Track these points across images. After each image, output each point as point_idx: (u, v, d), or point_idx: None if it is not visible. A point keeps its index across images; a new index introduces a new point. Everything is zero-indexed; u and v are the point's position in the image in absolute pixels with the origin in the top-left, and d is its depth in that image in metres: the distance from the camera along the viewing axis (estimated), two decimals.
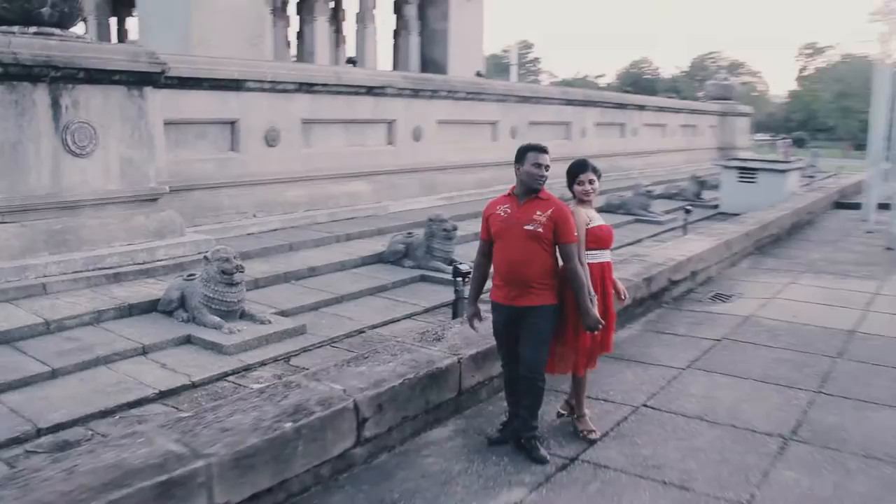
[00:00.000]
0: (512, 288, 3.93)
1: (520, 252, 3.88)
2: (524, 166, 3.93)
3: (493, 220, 4.01)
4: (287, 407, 3.50)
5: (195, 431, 3.26)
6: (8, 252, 7.05)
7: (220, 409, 3.51)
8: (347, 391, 3.73)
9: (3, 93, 7.02)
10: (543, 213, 3.90)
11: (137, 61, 7.78)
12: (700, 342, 6.09)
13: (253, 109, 9.81)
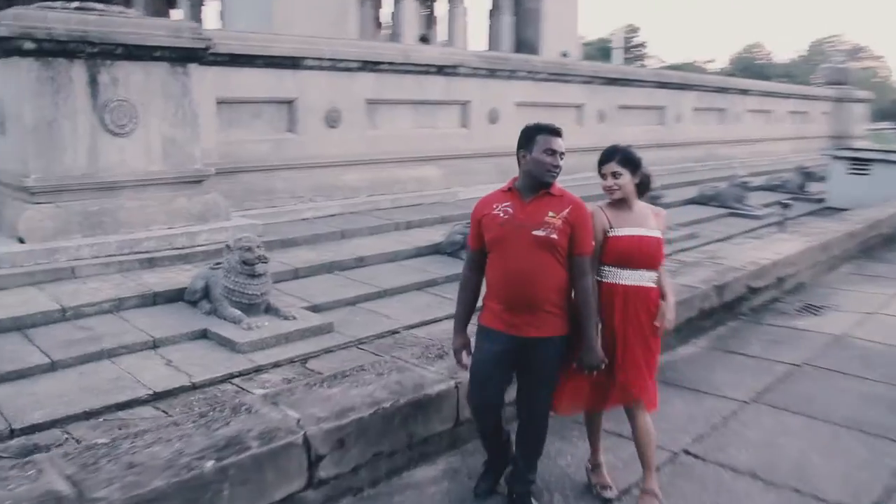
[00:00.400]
0: (515, 312, 3.11)
1: (527, 264, 3.06)
2: (532, 153, 3.13)
3: (488, 223, 3.15)
4: (220, 439, 2.93)
5: (98, 465, 2.73)
6: (41, 233, 6.82)
7: (144, 435, 2.98)
8: (302, 421, 3.11)
9: (38, 69, 6.77)
10: (558, 215, 3.09)
11: (180, 37, 7.41)
12: (774, 367, 5.12)
13: (312, 88, 9.34)
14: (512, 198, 3.18)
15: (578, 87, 13.04)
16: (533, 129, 3.22)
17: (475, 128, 11.40)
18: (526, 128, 3.27)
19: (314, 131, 9.48)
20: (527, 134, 3.23)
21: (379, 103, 10.16)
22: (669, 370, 4.92)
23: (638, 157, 3.30)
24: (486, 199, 3.28)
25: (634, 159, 3.29)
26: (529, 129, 3.24)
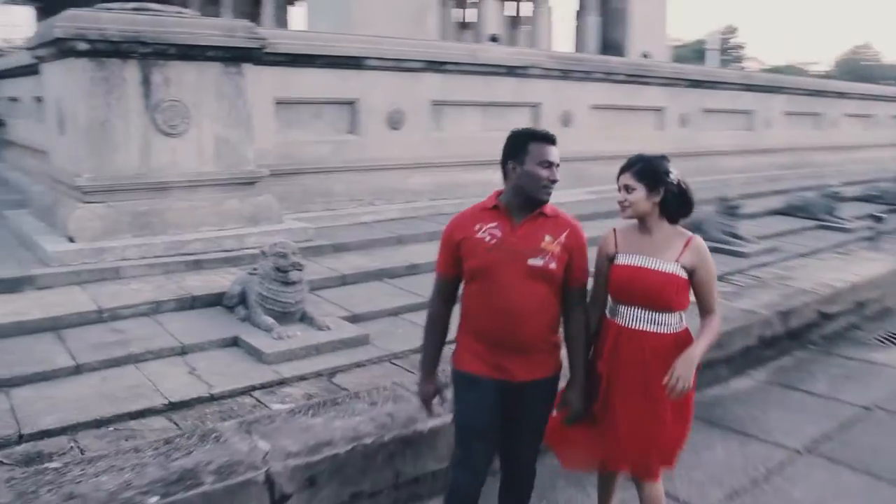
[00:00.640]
0: (504, 353, 2.71)
1: (520, 298, 2.65)
2: (525, 165, 2.71)
3: (471, 248, 2.71)
4: (174, 471, 2.71)
5: (37, 494, 2.56)
6: (90, 233, 6.82)
7: (98, 461, 2.80)
8: (269, 455, 2.85)
9: (92, 70, 6.77)
10: (555, 240, 2.70)
11: (233, 36, 7.32)
12: (839, 409, 4.55)
13: (374, 89, 9.13)
14: (499, 218, 2.74)
15: (659, 89, 12.41)
16: (523, 136, 2.81)
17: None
18: (514, 134, 2.86)
19: (376, 133, 9.27)
20: (516, 142, 2.81)
21: (444, 105, 9.88)
22: (717, 407, 4.46)
23: (662, 171, 2.78)
24: (463, 218, 2.82)
25: (654, 173, 2.78)
26: (519, 136, 2.83)
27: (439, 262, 2.90)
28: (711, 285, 2.83)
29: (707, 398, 4.70)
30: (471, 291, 2.78)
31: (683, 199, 2.83)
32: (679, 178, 2.81)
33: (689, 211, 2.87)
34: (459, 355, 2.84)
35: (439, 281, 2.92)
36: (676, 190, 2.80)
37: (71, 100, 6.94)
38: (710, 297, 2.85)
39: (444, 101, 9.84)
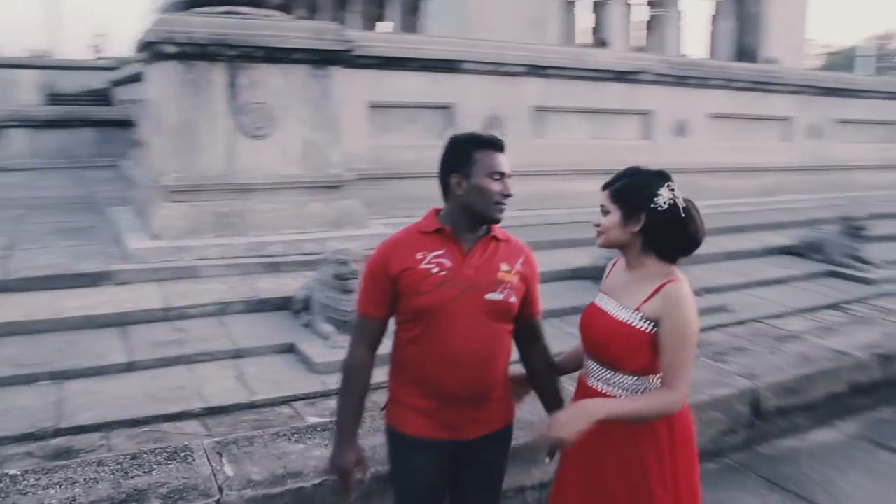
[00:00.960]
0: (457, 409, 2.28)
1: (478, 342, 2.24)
2: (472, 178, 2.26)
3: (413, 283, 2.24)
4: (123, 491, 2.58)
5: None
6: (173, 231, 6.94)
7: (56, 472, 2.68)
8: (228, 483, 2.66)
9: (180, 72, 6.90)
10: (512, 268, 2.32)
11: (320, 39, 7.27)
12: None
13: (471, 93, 8.89)
14: (445, 244, 2.28)
15: (786, 97, 11.49)
16: (467, 143, 2.33)
17: (658, 140, 10.38)
18: (455, 141, 2.37)
19: None
20: (458, 150, 2.33)
21: (546, 111, 9.51)
22: (786, 463, 3.93)
23: (644, 193, 2.18)
24: (398, 245, 2.32)
25: (634, 194, 2.20)
26: (462, 144, 2.34)
27: (365, 300, 2.37)
28: (677, 350, 2.13)
29: (776, 451, 4.18)
30: (412, 336, 2.29)
31: (679, 232, 2.20)
32: (676, 203, 2.19)
33: (689, 247, 2.23)
34: (397, 413, 2.39)
35: (364, 324, 2.37)
36: (667, 218, 2.18)
37: (162, 101, 7.09)
38: (671, 366, 2.14)
39: (545, 108, 9.48)
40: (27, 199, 10.44)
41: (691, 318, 2.14)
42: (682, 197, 2.21)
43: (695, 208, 2.23)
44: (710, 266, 8.22)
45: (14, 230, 8.18)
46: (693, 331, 2.15)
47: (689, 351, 2.15)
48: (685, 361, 2.14)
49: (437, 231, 2.30)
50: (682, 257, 2.25)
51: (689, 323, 2.14)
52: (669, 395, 2.15)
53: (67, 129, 15.31)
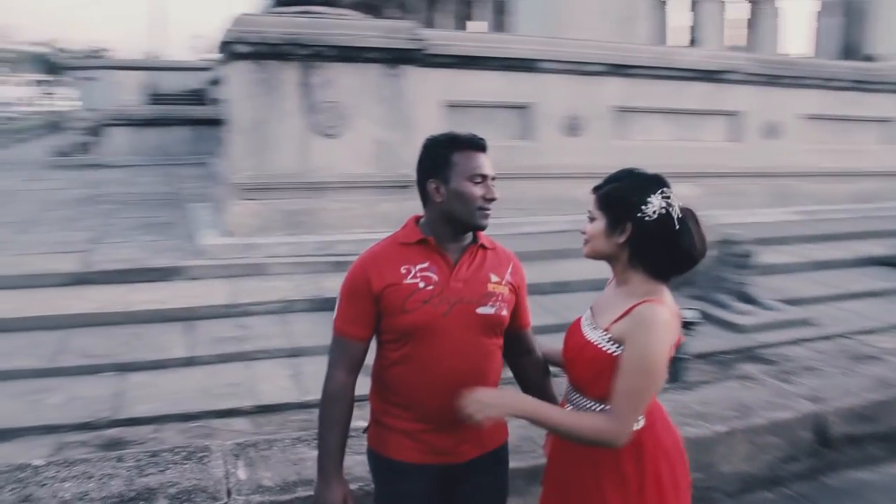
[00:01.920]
0: (447, 432, 2.10)
1: (469, 361, 2.07)
2: (451, 182, 2.07)
3: (398, 300, 2.05)
4: (135, 489, 2.62)
5: (2, 490, 2.49)
6: (245, 228, 7.06)
7: (77, 465, 2.71)
8: (238, 488, 2.62)
9: (252, 71, 7.01)
10: (502, 279, 2.15)
11: (393, 37, 7.26)
12: None
13: (549, 93, 8.71)
14: (429, 256, 2.10)
15: (887, 97, 10.77)
16: (444, 145, 2.12)
17: (747, 142, 9.92)
18: (431, 143, 2.15)
19: (550, 139, 8.85)
20: (435, 153, 2.13)
21: (628, 111, 9.22)
22: (855, 496, 3.63)
23: (632, 200, 1.93)
24: (379, 258, 2.14)
25: (621, 200, 1.95)
26: (438, 146, 2.13)
27: (344, 319, 2.13)
28: (632, 378, 1.87)
29: (845, 482, 3.84)
30: (398, 356, 2.10)
31: (670, 246, 1.92)
32: (669, 212, 1.91)
33: (682, 264, 1.96)
34: (382, 437, 2.19)
35: (344, 345, 2.13)
36: (657, 230, 1.91)
37: (237, 100, 7.21)
38: (621, 394, 1.88)
39: (627, 108, 9.20)
40: (121, 195, 10.84)
41: (657, 346, 1.86)
42: (678, 206, 1.95)
43: (694, 220, 1.96)
44: (794, 276, 7.81)
45: (102, 224, 8.50)
46: (656, 361, 1.87)
47: (646, 382, 1.88)
48: (638, 393, 1.88)
49: (421, 242, 2.12)
50: (675, 275, 1.99)
51: (651, 350, 1.86)
52: (608, 425, 1.88)
53: (164, 127, 15.90)
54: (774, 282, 7.41)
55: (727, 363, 5.74)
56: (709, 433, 3.33)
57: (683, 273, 1.98)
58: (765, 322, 6.51)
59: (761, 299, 6.83)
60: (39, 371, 4.98)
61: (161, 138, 15.89)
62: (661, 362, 1.87)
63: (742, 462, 3.52)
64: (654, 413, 2.02)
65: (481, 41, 8.50)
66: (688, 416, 3.45)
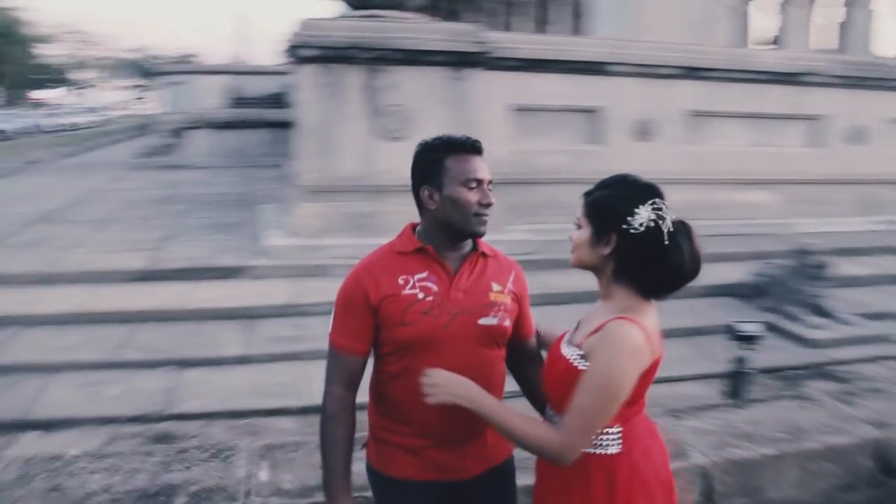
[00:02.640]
0: (450, 447, 2.01)
1: (473, 372, 1.92)
2: (444, 189, 1.98)
3: (397, 311, 1.95)
4: (158, 485, 2.66)
5: (30, 476, 2.57)
6: (309, 230, 7.14)
7: (108, 458, 2.74)
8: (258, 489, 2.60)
9: (318, 75, 7.09)
10: (504, 287, 2.05)
11: (457, 41, 7.23)
12: None
13: (619, 97, 8.53)
14: (428, 265, 2.00)
15: None
16: (436, 149, 2.03)
17: (829, 148, 9.51)
18: (423, 147, 2.07)
19: (619, 144, 8.66)
20: (427, 158, 2.04)
21: (701, 115, 8.95)
22: None
23: (619, 210, 1.79)
24: (375, 268, 2.01)
25: (607, 209, 1.82)
26: (430, 151, 2.04)
27: (340, 332, 2.02)
28: (587, 395, 1.74)
29: None
30: (397, 370, 2.00)
31: (657, 262, 1.78)
32: (659, 226, 1.77)
33: (670, 282, 1.81)
34: (381, 453, 2.09)
35: (341, 360, 2.02)
36: (643, 244, 1.77)
37: (304, 103, 7.29)
38: (574, 410, 1.75)
39: (700, 112, 8.93)
40: (196, 195, 11.14)
41: (618, 367, 1.72)
42: (670, 219, 1.79)
43: (687, 236, 1.80)
44: (874, 289, 7.42)
45: (174, 223, 8.73)
46: (615, 383, 1.73)
47: (601, 403, 1.73)
48: (591, 413, 1.74)
49: (419, 251, 2.02)
50: (662, 294, 1.83)
51: (611, 371, 1.72)
52: (552, 438, 1.77)
53: (244, 130, 16.28)
54: (853, 295, 7.05)
55: (794, 379, 5.49)
56: (755, 456, 3.13)
57: (671, 293, 1.83)
58: (839, 337, 6.20)
59: (837, 313, 6.52)
60: (101, 364, 5.12)
61: (240, 140, 16.28)
62: (620, 385, 1.74)
63: (792, 488, 3.31)
64: (636, 439, 1.87)
65: (548, 44, 8.40)
66: (734, 436, 3.27)
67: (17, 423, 4.37)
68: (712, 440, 3.14)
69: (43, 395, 4.71)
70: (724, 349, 5.25)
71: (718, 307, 6.88)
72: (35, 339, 5.41)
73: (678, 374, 5.35)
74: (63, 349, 5.26)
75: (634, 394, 1.79)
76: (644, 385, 1.81)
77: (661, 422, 2.87)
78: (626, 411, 1.81)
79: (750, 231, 9.02)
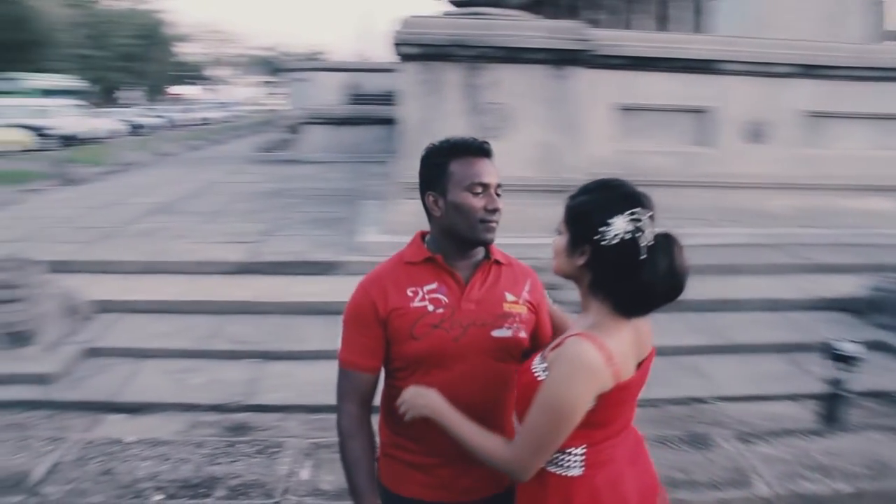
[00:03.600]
0: (462, 465, 1.88)
1: (487, 389, 1.88)
2: (448, 195, 1.89)
3: (406, 324, 1.87)
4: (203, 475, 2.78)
5: (86, 459, 2.65)
6: (405, 227, 6.93)
7: (162, 446, 2.82)
8: (294, 486, 2.60)
9: (419, 72, 7.12)
10: (518, 297, 1.96)
11: (558, 38, 7.08)
12: None
13: (729, 96, 8.14)
14: (438, 275, 1.92)
15: None
16: (441, 153, 1.92)
17: None
18: (429, 150, 1.96)
19: (729, 146, 8.27)
20: (432, 162, 1.94)
21: (820, 116, 8.42)
22: None
23: (593, 219, 1.68)
24: (384, 279, 1.96)
25: (582, 217, 1.72)
26: (434, 154, 1.94)
27: (350, 350, 1.95)
28: (536, 412, 1.65)
29: None
30: (406, 385, 1.88)
31: (629, 278, 1.66)
32: (635, 239, 1.65)
33: (642, 301, 1.69)
34: (392, 471, 2.01)
35: (353, 378, 1.95)
36: (615, 258, 1.66)
37: (405, 100, 7.33)
38: (525, 426, 1.68)
39: (819, 112, 8.40)
40: (306, 190, 11.41)
41: (566, 387, 1.61)
42: (650, 231, 1.66)
43: (668, 251, 1.68)
44: None
45: (279, 217, 8.97)
46: (561, 403, 1.62)
47: (548, 422, 1.64)
48: (540, 432, 1.65)
49: (428, 260, 1.94)
50: (637, 313, 1.70)
51: (559, 390, 1.61)
52: (503, 453, 1.70)
53: (359, 126, 16.56)
54: None
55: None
56: (827, 491, 2.88)
57: (647, 311, 1.70)
58: None
59: None
60: (190, 352, 5.30)
61: (356, 136, 16.56)
62: (568, 406, 1.61)
63: None
64: (602, 464, 1.74)
65: (655, 41, 8.10)
66: (808, 467, 3.02)
67: (107, 405, 4.57)
68: (782, 470, 2.92)
69: (133, 379, 4.92)
70: (824, 368, 4.92)
71: (825, 322, 6.45)
72: (133, 325, 5.67)
73: (768, 392, 5.06)
74: (156, 336, 5.48)
75: (602, 417, 1.67)
76: (613, 409, 1.68)
77: (726, 447, 2.69)
78: (594, 433, 1.69)
79: (868, 241, 8.40)
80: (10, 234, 7.96)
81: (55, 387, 4.74)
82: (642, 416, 4.52)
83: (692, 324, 6.19)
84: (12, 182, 13.85)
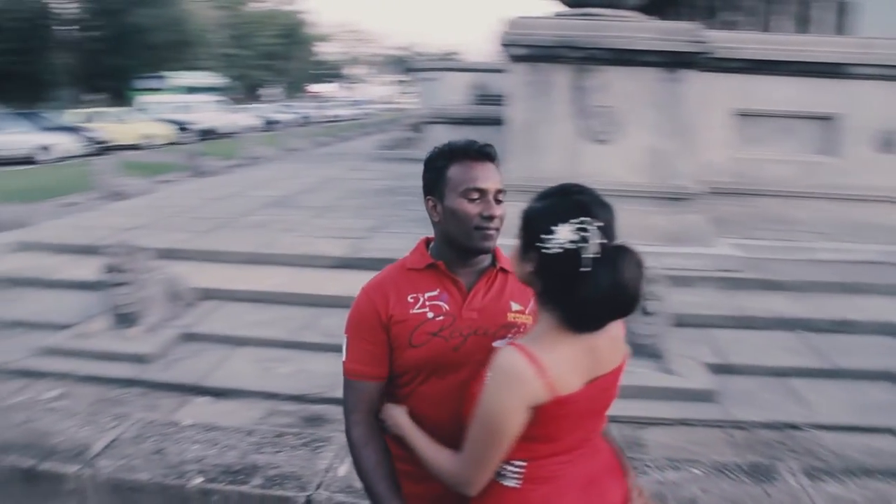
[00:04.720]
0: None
1: None
2: (445, 200, 1.84)
3: (406, 331, 1.82)
4: (245, 462, 2.74)
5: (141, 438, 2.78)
6: (512, 229, 7.09)
7: (214, 431, 2.90)
8: (330, 482, 2.60)
9: (526, 74, 7.05)
10: (526, 307, 1.87)
11: (671, 40, 6.81)
12: None
13: (860, 103, 7.60)
14: (440, 282, 1.87)
15: None
16: (442, 156, 1.87)
17: None
18: (430, 155, 1.92)
19: (858, 155, 7.75)
20: (432, 166, 1.90)
21: None
22: None
23: (536, 227, 1.60)
24: (385, 286, 1.91)
25: (529, 223, 1.64)
26: (436, 157, 1.89)
27: (355, 359, 1.89)
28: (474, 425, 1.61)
29: None
30: (407, 393, 1.87)
31: (569, 291, 1.56)
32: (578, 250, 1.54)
33: (582, 316, 1.58)
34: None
35: (359, 388, 1.88)
36: (557, 268, 1.57)
37: (513, 102, 7.27)
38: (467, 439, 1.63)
39: None
40: (419, 189, 11.45)
41: (495, 398, 1.55)
42: (596, 243, 1.55)
43: (615, 265, 1.54)
44: None
45: (387, 215, 9.09)
46: (491, 415, 1.56)
47: (485, 434, 1.59)
48: (478, 444, 1.61)
49: (430, 267, 1.89)
50: (584, 329, 1.59)
51: (489, 401, 1.56)
52: (449, 465, 1.69)
53: (480, 126, 16.54)
54: None
55: None
56: None
57: (595, 327, 1.59)
58: None
59: None
60: (281, 342, 5.45)
61: (477, 136, 15.90)
62: (497, 418, 1.56)
63: None
64: (544, 481, 1.65)
65: (777, 44, 7.67)
66: None
67: (196, 388, 4.76)
68: None
69: (223, 364, 5.10)
70: None
71: None
72: (231, 313, 5.88)
73: (871, 423, 4.68)
74: (252, 325, 5.66)
75: (542, 431, 1.59)
76: (555, 423, 1.60)
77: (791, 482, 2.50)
78: (537, 447, 1.62)
79: None
80: (133, 222, 8.44)
81: (151, 367, 5.00)
82: (723, 438, 4.32)
83: (808, 343, 5.83)
84: (151, 173, 14.80)
